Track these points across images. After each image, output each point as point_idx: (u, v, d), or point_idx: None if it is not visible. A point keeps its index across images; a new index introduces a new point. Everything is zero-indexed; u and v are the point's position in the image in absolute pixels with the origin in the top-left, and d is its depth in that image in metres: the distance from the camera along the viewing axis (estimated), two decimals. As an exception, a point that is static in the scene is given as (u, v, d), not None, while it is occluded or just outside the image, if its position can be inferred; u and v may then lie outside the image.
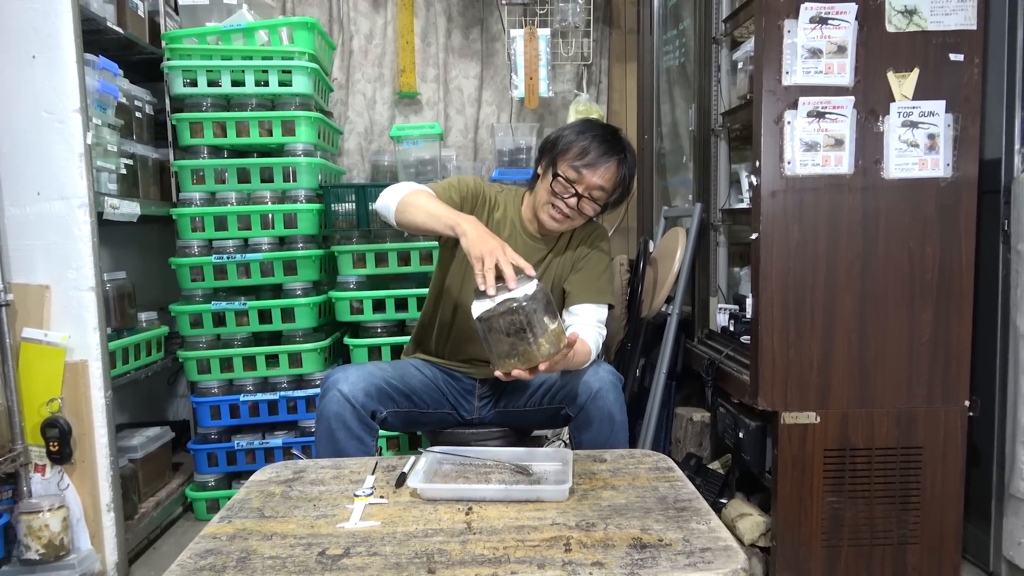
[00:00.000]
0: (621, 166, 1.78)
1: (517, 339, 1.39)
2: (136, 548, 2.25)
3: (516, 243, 1.87)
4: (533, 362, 1.41)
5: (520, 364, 1.41)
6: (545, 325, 1.40)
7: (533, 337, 1.38)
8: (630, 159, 1.81)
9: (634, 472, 1.53)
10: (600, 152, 1.75)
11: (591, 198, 1.78)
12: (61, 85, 1.97)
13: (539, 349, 1.40)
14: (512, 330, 1.38)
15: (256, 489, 1.50)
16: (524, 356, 1.40)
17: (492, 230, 1.85)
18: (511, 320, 1.38)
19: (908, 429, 1.88)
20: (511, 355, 1.41)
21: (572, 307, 1.87)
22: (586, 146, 1.76)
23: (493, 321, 1.39)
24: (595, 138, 1.77)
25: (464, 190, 1.85)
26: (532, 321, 1.38)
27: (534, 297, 1.39)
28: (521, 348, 1.39)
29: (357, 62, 3.19)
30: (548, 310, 1.42)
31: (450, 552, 1.18)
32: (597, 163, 1.75)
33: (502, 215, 1.90)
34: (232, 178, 2.49)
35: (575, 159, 1.76)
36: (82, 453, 2.04)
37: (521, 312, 1.38)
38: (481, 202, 1.88)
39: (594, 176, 1.75)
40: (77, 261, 2.03)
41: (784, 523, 1.90)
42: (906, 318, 1.86)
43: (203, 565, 1.15)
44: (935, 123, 1.81)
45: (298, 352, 2.53)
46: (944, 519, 1.90)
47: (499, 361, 1.43)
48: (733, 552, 1.15)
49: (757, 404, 1.89)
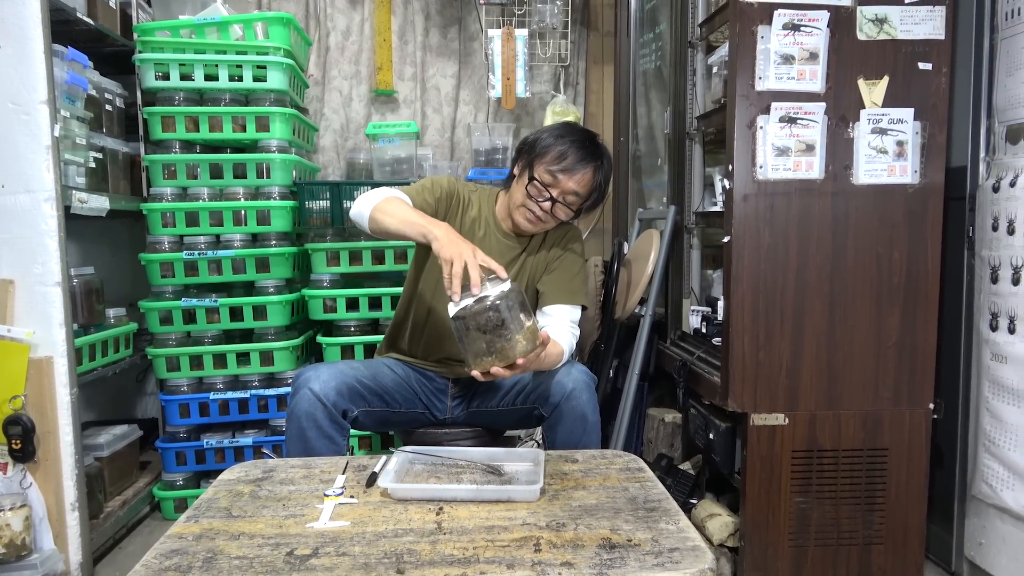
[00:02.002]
0: (597, 172, 1.79)
1: (494, 336, 1.40)
2: (101, 548, 2.21)
3: (490, 242, 1.87)
4: (510, 359, 1.42)
5: (497, 361, 1.42)
6: (521, 322, 1.41)
7: (509, 333, 1.40)
8: (606, 165, 1.82)
9: (605, 472, 1.54)
10: (578, 158, 1.76)
11: (565, 203, 1.78)
12: (28, 76, 1.93)
13: (516, 346, 1.41)
14: (489, 327, 1.39)
15: (224, 488, 1.48)
16: (501, 353, 1.41)
17: (467, 229, 1.85)
18: (488, 317, 1.39)
19: (874, 431, 1.92)
20: (488, 352, 1.41)
21: (545, 308, 1.87)
22: (564, 151, 1.76)
23: (469, 319, 1.40)
24: (573, 143, 1.77)
25: (438, 191, 1.85)
26: (508, 318, 1.39)
27: (508, 295, 1.40)
28: (498, 345, 1.40)
29: (334, 59, 3.17)
30: (523, 307, 1.43)
31: (420, 552, 1.18)
32: (574, 168, 1.75)
33: (476, 214, 1.90)
34: (204, 173, 2.46)
35: (552, 163, 1.76)
36: (46, 451, 2.00)
37: (497, 309, 1.39)
38: (455, 202, 1.88)
39: (570, 181, 1.76)
40: (43, 255, 1.99)
41: (752, 523, 1.92)
42: (873, 321, 1.89)
43: (168, 565, 1.14)
44: (904, 130, 1.84)
45: (270, 350, 2.50)
46: (908, 520, 1.94)
47: (475, 360, 1.44)
48: (701, 552, 1.16)
49: (727, 405, 1.91)
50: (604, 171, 1.81)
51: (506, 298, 1.40)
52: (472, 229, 1.87)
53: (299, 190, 2.54)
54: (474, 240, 1.83)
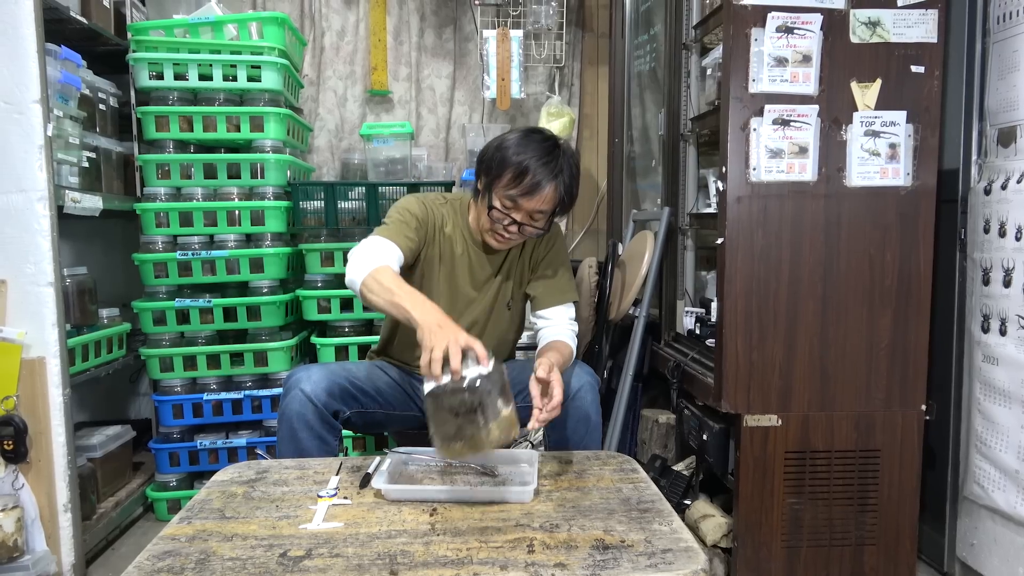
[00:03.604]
0: (559, 187, 1.70)
1: (466, 421, 1.27)
2: (94, 549, 2.21)
3: (470, 256, 1.85)
4: (479, 449, 1.29)
5: (465, 449, 1.29)
6: (498, 409, 1.28)
7: (484, 421, 1.27)
8: (568, 173, 1.71)
9: (599, 474, 1.54)
10: (535, 179, 1.66)
11: (532, 223, 1.72)
12: (20, 75, 1.92)
13: (488, 435, 1.27)
14: (462, 410, 1.26)
15: (217, 489, 1.48)
16: (471, 441, 1.27)
17: (445, 248, 1.82)
18: (462, 399, 1.26)
19: (867, 432, 1.92)
20: (457, 438, 1.28)
21: (542, 312, 1.88)
22: (521, 171, 1.66)
23: (443, 398, 1.28)
24: (531, 160, 1.66)
25: (414, 222, 1.77)
26: (485, 403, 1.27)
27: (490, 377, 1.28)
28: (469, 432, 1.27)
29: (328, 59, 3.17)
30: (503, 392, 1.30)
31: (413, 553, 1.18)
32: (532, 191, 1.66)
33: (452, 229, 1.85)
34: (198, 173, 2.46)
35: (509, 186, 1.67)
36: (38, 452, 1.99)
37: (474, 391, 1.27)
38: (431, 224, 1.82)
39: (531, 202, 1.68)
40: (35, 255, 1.98)
41: (746, 524, 1.93)
42: (866, 323, 1.90)
43: (161, 567, 1.14)
44: (896, 133, 1.85)
45: (264, 351, 2.50)
46: (900, 520, 1.95)
47: (443, 444, 1.30)
48: (694, 553, 1.17)
49: (721, 407, 1.92)
50: (566, 180, 1.71)
51: (486, 380, 1.28)
52: (451, 244, 1.84)
53: (293, 190, 2.54)
54: (453, 256, 1.83)
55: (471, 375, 1.26)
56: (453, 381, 1.27)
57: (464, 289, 1.87)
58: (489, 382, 1.27)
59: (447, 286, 1.86)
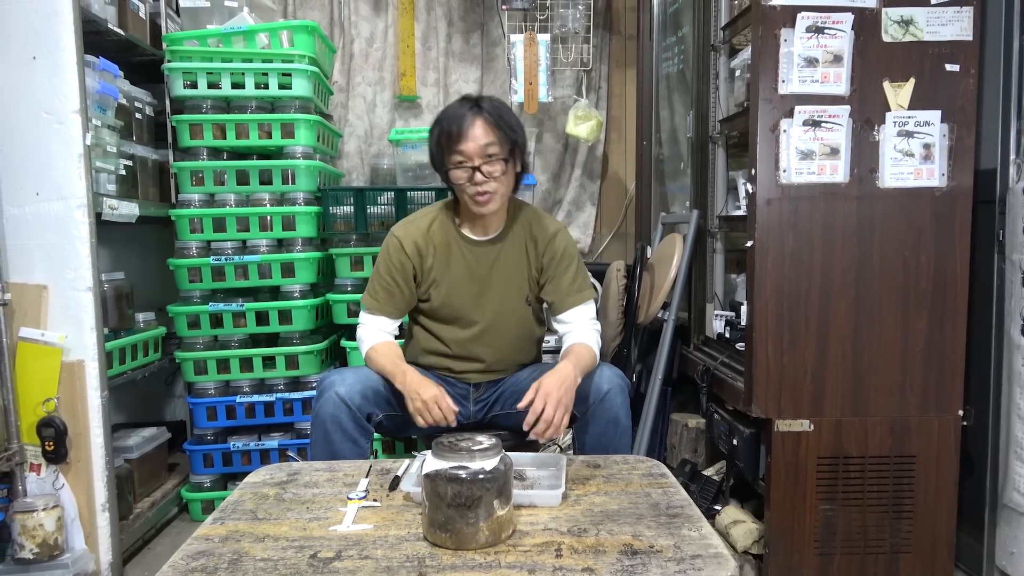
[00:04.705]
0: (486, 119, 1.75)
1: (456, 514, 1.21)
2: (131, 548, 2.25)
3: (464, 256, 1.88)
4: (464, 546, 1.20)
5: (449, 542, 1.21)
6: (492, 509, 1.22)
7: (474, 518, 1.21)
8: (490, 105, 1.77)
9: (627, 478, 1.54)
10: (458, 124, 1.73)
11: (488, 158, 1.74)
12: (61, 86, 1.98)
13: (476, 535, 1.21)
14: (456, 503, 1.21)
15: (250, 491, 1.51)
16: (457, 535, 1.21)
17: (440, 258, 1.87)
18: (457, 491, 1.20)
19: (902, 438, 1.89)
20: (444, 529, 1.22)
21: (561, 316, 1.90)
22: (444, 128, 1.76)
23: (438, 484, 1.22)
24: (448, 116, 1.77)
25: (400, 266, 1.86)
26: (480, 501, 1.21)
27: (492, 474, 1.23)
28: (457, 526, 1.21)
29: (358, 65, 3.20)
30: (501, 493, 1.24)
31: (441, 557, 1.18)
32: (462, 132, 1.73)
33: (441, 242, 1.88)
34: (231, 180, 2.50)
35: (447, 146, 1.75)
36: (77, 453, 2.04)
37: (473, 485, 1.21)
38: (415, 255, 1.87)
39: (469, 142, 1.73)
40: (75, 261, 2.03)
41: (777, 530, 1.91)
42: (900, 327, 1.87)
43: (195, 567, 1.16)
44: (930, 133, 1.82)
45: (295, 354, 2.54)
46: (937, 528, 1.91)
47: (429, 529, 1.24)
48: (724, 559, 1.16)
49: (751, 411, 1.90)
50: (492, 111, 1.76)
51: (488, 476, 1.22)
52: (446, 255, 1.87)
53: (324, 196, 2.57)
54: (449, 260, 1.86)
55: (473, 467, 1.22)
56: (454, 468, 1.22)
57: (472, 283, 1.89)
58: (491, 480, 1.22)
59: (458, 287, 1.89)
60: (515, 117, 1.81)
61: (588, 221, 3.36)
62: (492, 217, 1.86)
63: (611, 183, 3.40)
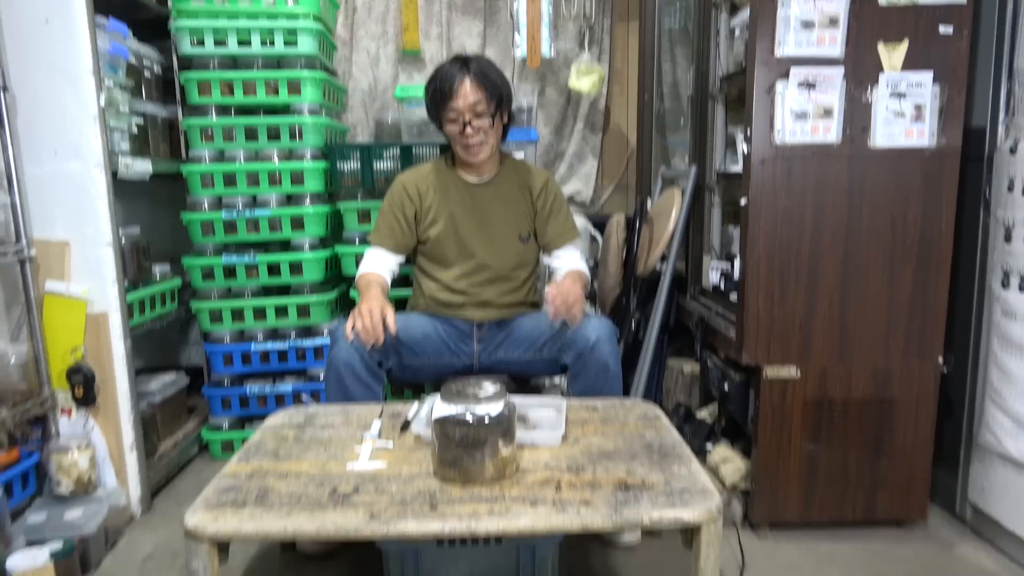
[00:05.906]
0: (476, 76, 1.96)
1: (464, 453, 1.33)
2: (157, 484, 2.39)
3: (460, 195, 2.10)
4: (471, 482, 1.33)
5: (458, 479, 1.34)
6: (497, 448, 1.34)
7: (481, 457, 1.33)
8: (477, 65, 1.98)
9: (623, 420, 1.64)
10: (449, 82, 1.95)
11: (477, 114, 1.97)
12: (74, 48, 2.02)
13: (483, 471, 1.33)
14: (463, 443, 1.32)
15: (271, 432, 1.62)
16: (465, 473, 1.33)
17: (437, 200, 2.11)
18: (465, 433, 1.32)
19: (884, 384, 1.99)
20: (453, 466, 1.34)
21: (555, 252, 2.16)
22: (437, 86, 1.98)
23: (448, 427, 1.34)
24: (440, 75, 1.98)
25: (401, 205, 2.12)
26: (487, 440, 1.33)
27: (497, 419, 1.34)
28: (464, 464, 1.33)
29: (361, 19, 3.21)
30: (506, 433, 1.35)
31: (450, 491, 1.30)
32: (453, 91, 1.95)
33: (439, 184, 2.11)
34: (240, 136, 2.56)
35: (441, 103, 1.98)
36: (105, 398, 2.16)
37: (480, 426, 1.33)
38: (416, 196, 2.11)
39: (459, 100, 1.95)
40: (94, 218, 2.11)
41: (764, 468, 2.03)
42: (886, 280, 1.95)
43: (225, 500, 1.27)
44: (922, 94, 1.87)
45: (306, 304, 2.63)
46: (914, 466, 2.03)
47: (439, 466, 1.37)
48: (709, 493, 1.27)
49: (742, 359, 2.00)
50: (480, 70, 1.97)
51: (494, 419, 1.34)
52: (446, 197, 2.09)
53: (330, 152, 2.63)
54: (447, 198, 2.10)
55: (479, 411, 1.33)
56: (462, 412, 1.33)
57: (468, 218, 2.09)
58: (498, 419, 1.34)
59: (456, 221, 2.09)
60: (501, 74, 2.03)
61: (590, 173, 3.41)
62: (484, 164, 2.08)
63: (613, 136, 3.44)
